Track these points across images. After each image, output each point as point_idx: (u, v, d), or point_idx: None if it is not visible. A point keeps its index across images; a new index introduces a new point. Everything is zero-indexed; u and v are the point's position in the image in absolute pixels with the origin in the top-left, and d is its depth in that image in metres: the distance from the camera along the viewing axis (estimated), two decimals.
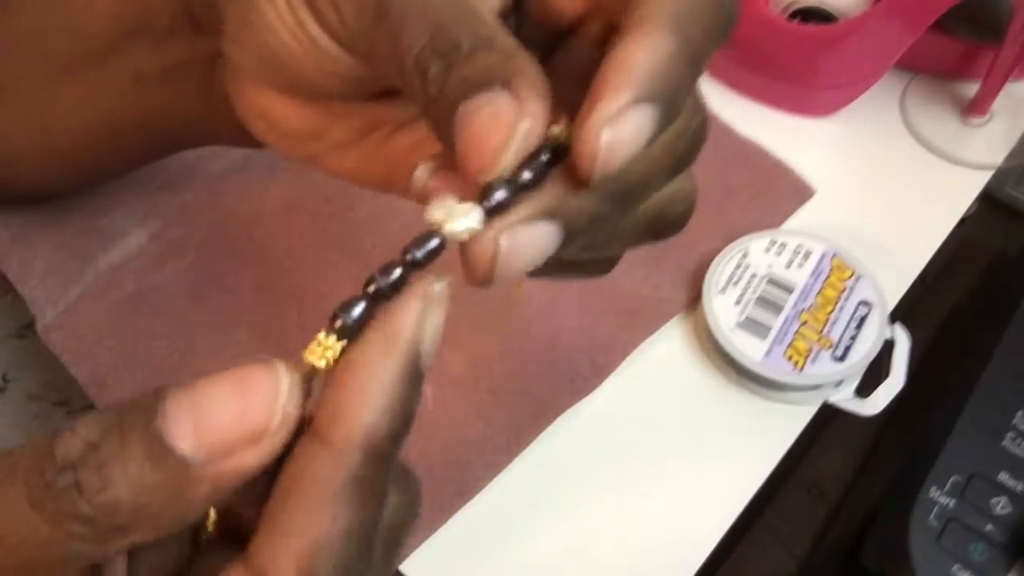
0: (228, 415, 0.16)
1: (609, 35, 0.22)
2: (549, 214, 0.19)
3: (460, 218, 0.18)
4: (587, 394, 0.36)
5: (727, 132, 0.45)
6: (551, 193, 0.19)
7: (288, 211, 0.41)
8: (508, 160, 0.18)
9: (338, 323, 0.17)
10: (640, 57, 0.18)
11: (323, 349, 0.17)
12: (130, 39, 0.28)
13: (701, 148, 0.22)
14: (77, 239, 0.40)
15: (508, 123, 0.18)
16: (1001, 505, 0.32)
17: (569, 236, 0.20)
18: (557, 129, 0.19)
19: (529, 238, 0.19)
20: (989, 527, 0.32)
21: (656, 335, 0.38)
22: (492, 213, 0.18)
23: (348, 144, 0.26)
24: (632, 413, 0.37)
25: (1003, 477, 0.33)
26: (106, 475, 0.16)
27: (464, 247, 0.19)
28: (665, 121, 0.19)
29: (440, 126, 0.19)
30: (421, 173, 0.21)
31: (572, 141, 0.18)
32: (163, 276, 0.39)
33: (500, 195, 0.18)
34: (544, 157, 0.19)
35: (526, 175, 0.18)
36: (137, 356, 0.37)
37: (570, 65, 0.23)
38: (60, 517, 0.16)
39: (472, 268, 0.19)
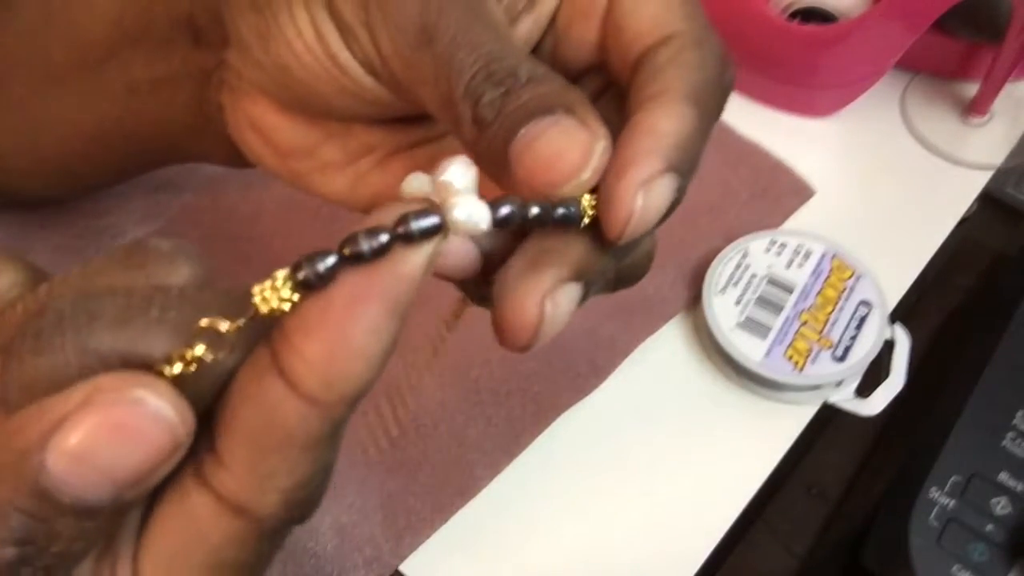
0: (130, 460, 0.15)
1: (607, 90, 0.23)
2: (578, 275, 0.20)
3: (470, 208, 0.16)
4: (587, 394, 0.36)
5: (727, 132, 0.45)
6: (576, 251, 0.19)
7: (288, 211, 0.41)
8: (587, 175, 0.18)
9: (301, 274, 0.15)
10: (668, 128, 0.19)
11: (275, 296, 0.16)
12: (126, 48, 0.28)
13: (678, 207, 0.22)
14: (77, 240, 0.40)
15: (583, 142, 0.19)
16: (1001, 505, 0.32)
17: (586, 295, 0.20)
18: (586, 200, 0.19)
19: (565, 300, 0.20)
20: (989, 527, 0.32)
21: (656, 335, 0.38)
22: (496, 224, 0.17)
23: (338, 165, 0.26)
24: (632, 413, 0.37)
25: (1003, 477, 0.33)
26: (57, 551, 0.15)
27: (505, 314, 0.19)
28: (683, 190, 0.20)
29: (493, 151, 0.19)
30: (413, 184, 0.19)
31: (602, 202, 0.19)
32: None
33: (506, 211, 0.18)
34: (560, 211, 0.19)
35: (534, 211, 0.18)
36: None
37: None
38: None
39: (515, 336, 0.19)
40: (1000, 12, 0.43)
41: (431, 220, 0.16)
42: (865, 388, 0.37)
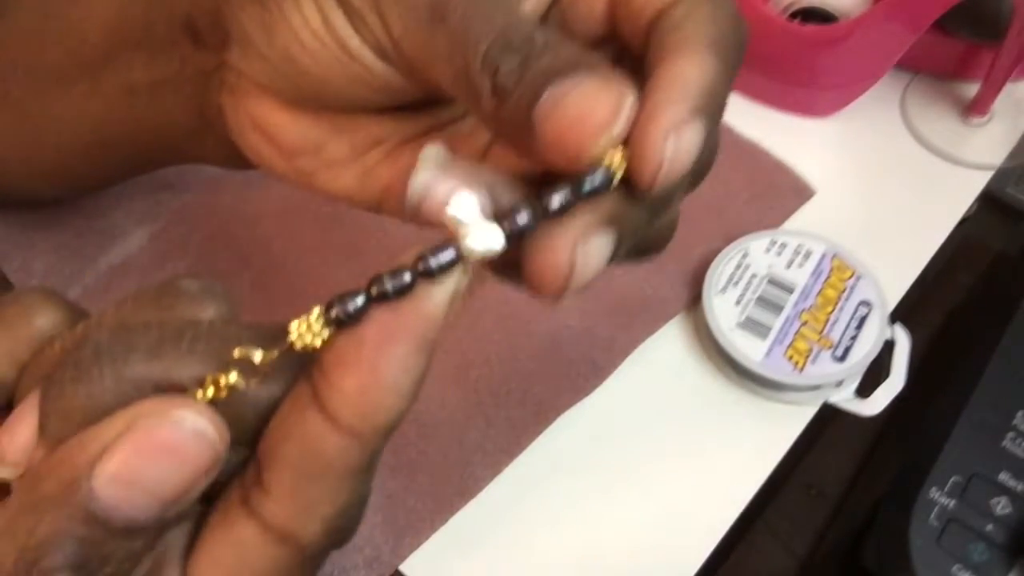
0: (172, 477, 0.17)
1: (622, 59, 0.23)
2: (610, 222, 0.19)
3: (481, 235, 0.17)
4: (587, 394, 0.36)
5: (727, 132, 0.45)
6: (608, 200, 0.19)
7: (288, 211, 0.41)
8: (618, 128, 0.18)
9: (333, 313, 0.17)
10: (694, 73, 0.19)
11: (310, 333, 0.17)
12: (125, 50, 0.28)
13: (711, 168, 0.22)
14: (77, 240, 0.40)
15: (611, 97, 0.18)
16: (1001, 505, 0.32)
17: (619, 245, 0.20)
18: (616, 156, 0.18)
19: (598, 248, 0.19)
20: (989, 527, 0.32)
21: (656, 335, 0.38)
22: (513, 238, 0.17)
23: (345, 161, 0.25)
24: (632, 413, 0.37)
25: (1003, 477, 0.33)
26: (109, 572, 0.17)
27: (531, 258, 0.18)
28: (710, 136, 0.19)
29: (516, 119, 0.19)
30: (430, 155, 0.20)
31: (632, 151, 0.18)
32: (163, 276, 0.39)
33: (524, 219, 0.17)
34: (585, 188, 0.18)
35: (555, 202, 0.18)
36: None
37: None
38: None
39: (547, 284, 0.19)
40: (1000, 12, 0.43)
41: (448, 254, 0.17)
42: (865, 388, 0.37)
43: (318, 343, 0.17)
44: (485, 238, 0.17)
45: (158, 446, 0.16)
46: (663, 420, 0.37)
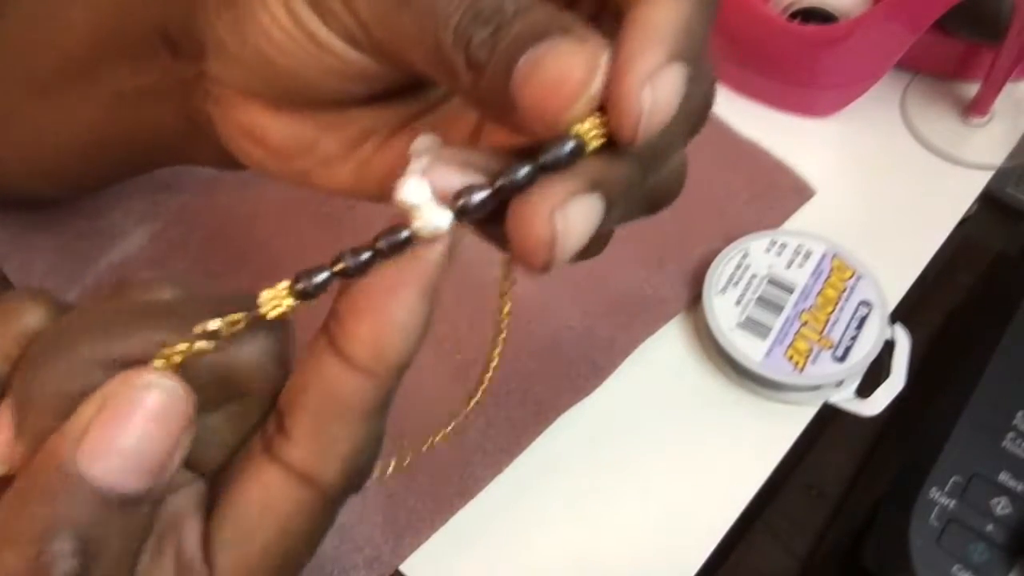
0: (151, 440, 0.17)
1: (600, 12, 0.22)
2: (594, 185, 0.18)
3: (429, 218, 0.18)
4: (587, 394, 0.36)
5: (727, 132, 0.45)
6: (591, 163, 0.18)
7: (287, 211, 0.41)
8: (595, 88, 0.17)
9: (299, 286, 0.18)
10: (665, 17, 0.18)
11: (277, 300, 0.18)
12: (108, 59, 0.28)
13: (709, 113, 0.22)
14: (77, 240, 0.40)
15: (586, 57, 0.17)
16: (1001, 505, 0.32)
17: (609, 207, 0.19)
18: (584, 125, 0.18)
19: (580, 213, 0.18)
20: (989, 527, 0.32)
21: (656, 335, 0.38)
22: (463, 215, 0.18)
23: (340, 157, 0.25)
24: (632, 413, 0.37)
25: (1003, 477, 0.33)
26: (114, 553, 0.17)
27: (517, 234, 0.18)
28: (691, 81, 0.18)
29: (494, 91, 0.18)
30: (421, 145, 0.20)
31: (609, 106, 0.18)
32: (163, 276, 0.39)
33: (478, 196, 0.18)
34: (549, 158, 0.18)
35: (520, 175, 0.18)
36: None
37: None
38: None
39: (529, 255, 0.18)
40: (1000, 12, 0.43)
41: (400, 235, 0.18)
42: (865, 388, 0.37)
43: (285, 311, 0.18)
44: (432, 219, 0.18)
45: (131, 412, 0.17)
46: (663, 420, 0.37)
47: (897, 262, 0.40)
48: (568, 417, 0.36)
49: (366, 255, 0.18)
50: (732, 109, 0.46)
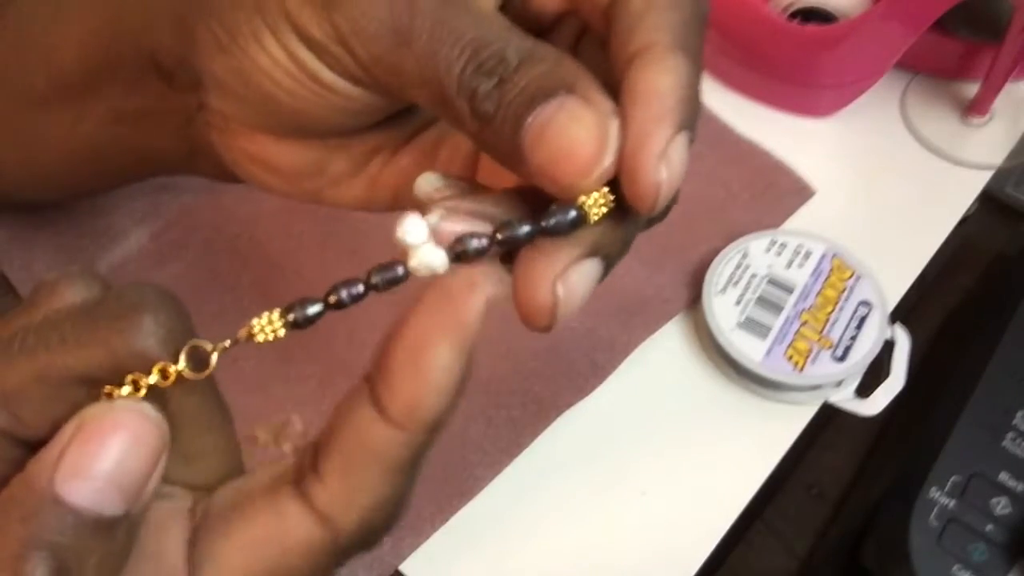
0: (128, 463, 0.17)
1: (582, 36, 0.23)
2: (595, 249, 0.19)
3: (425, 258, 0.18)
4: (587, 394, 0.36)
5: (727, 132, 0.45)
6: (594, 230, 0.19)
7: (288, 211, 0.41)
8: (607, 163, 0.18)
9: (291, 316, 0.18)
10: (667, 85, 0.19)
11: (270, 329, 0.18)
12: (102, 79, 0.27)
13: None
14: (77, 239, 0.40)
15: (594, 126, 0.18)
16: (1001, 505, 0.32)
17: (609, 266, 0.20)
18: (585, 198, 0.19)
19: (581, 279, 0.19)
20: (989, 527, 0.32)
21: (656, 335, 0.38)
22: (460, 259, 0.18)
23: (349, 175, 0.25)
24: (632, 413, 0.37)
25: (1003, 477, 0.33)
26: (92, 570, 0.17)
27: (520, 298, 0.19)
28: (693, 140, 0.19)
29: (501, 142, 0.19)
30: (425, 184, 0.21)
31: (625, 179, 0.18)
32: (163, 276, 0.39)
33: (477, 244, 0.18)
34: (551, 224, 0.18)
35: (520, 233, 0.18)
36: None
37: None
38: None
39: (533, 319, 0.19)
40: (1000, 12, 0.43)
41: (395, 272, 0.18)
42: (865, 388, 0.37)
43: (271, 338, 0.18)
44: (428, 260, 0.18)
45: (107, 436, 0.17)
46: (663, 420, 0.37)
47: (897, 262, 0.40)
48: (568, 417, 0.36)
49: (359, 288, 0.18)
50: (732, 109, 0.46)
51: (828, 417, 0.37)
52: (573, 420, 0.36)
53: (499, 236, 0.18)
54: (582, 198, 0.19)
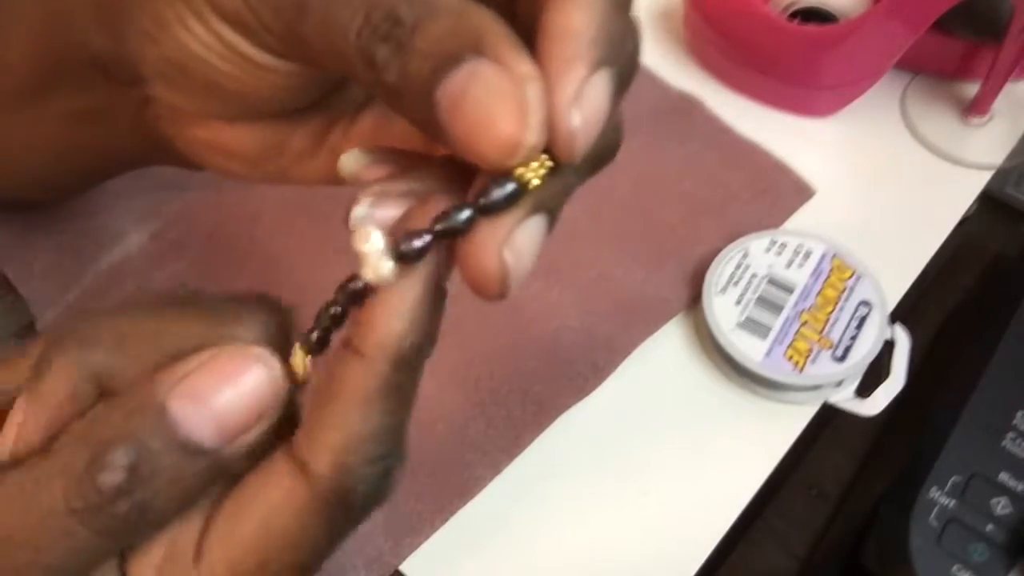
0: (236, 405, 0.18)
1: None
2: (537, 206, 0.18)
3: (372, 266, 0.18)
4: (587, 394, 0.36)
5: (727, 132, 0.45)
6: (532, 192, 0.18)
7: (288, 211, 0.41)
8: (532, 140, 0.16)
9: (312, 336, 0.20)
10: (581, 22, 0.17)
11: (299, 358, 0.20)
12: (51, 81, 0.27)
13: (637, 67, 0.20)
14: (77, 239, 0.40)
15: (510, 95, 0.16)
16: (1001, 505, 0.32)
17: (554, 217, 0.19)
18: (521, 170, 0.17)
19: (527, 239, 0.18)
20: (990, 527, 0.32)
21: (656, 335, 0.38)
22: (405, 260, 0.18)
23: (310, 150, 0.25)
24: (632, 413, 0.37)
25: (1003, 477, 0.33)
26: (157, 489, 0.18)
27: (468, 271, 0.18)
28: (620, 75, 0.18)
29: (417, 115, 0.17)
30: (348, 161, 0.20)
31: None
32: (163, 276, 0.39)
33: (419, 243, 0.18)
34: (490, 204, 0.18)
35: (459, 219, 0.18)
36: None
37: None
38: (108, 533, 0.17)
39: (483, 290, 0.18)
40: (1000, 12, 0.43)
41: (357, 284, 0.19)
42: (865, 388, 0.37)
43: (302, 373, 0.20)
44: (377, 269, 0.18)
45: (229, 372, 0.18)
46: (663, 420, 0.37)
47: (897, 262, 0.40)
48: (568, 417, 0.36)
49: (338, 309, 0.19)
50: (732, 109, 0.46)
51: (828, 417, 0.37)
52: (573, 420, 0.36)
53: (438, 228, 0.18)
54: (519, 169, 0.17)
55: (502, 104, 0.16)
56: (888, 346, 0.38)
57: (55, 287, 0.38)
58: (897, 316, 0.39)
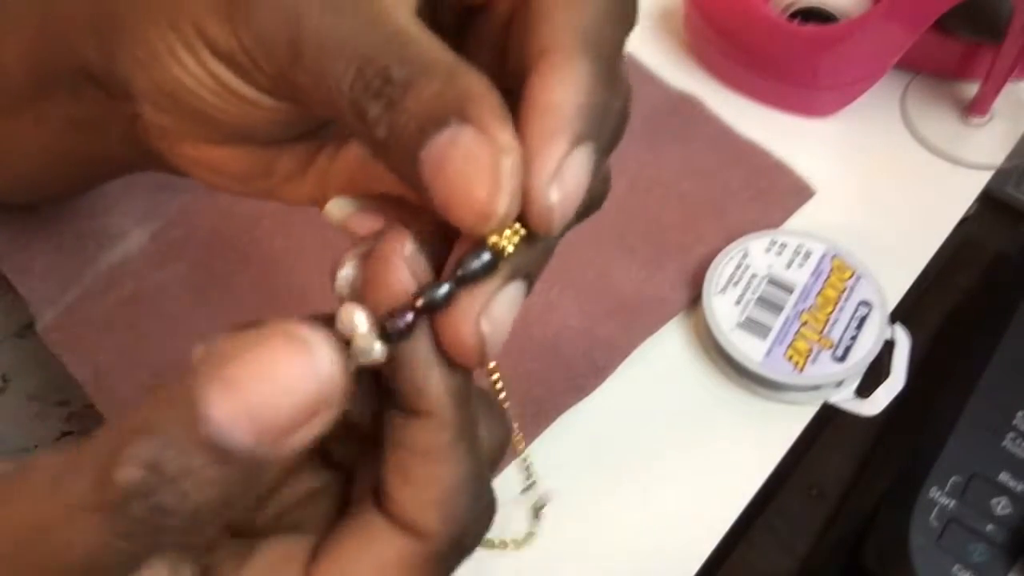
0: (277, 395, 0.15)
1: (516, 13, 0.21)
2: (514, 273, 0.18)
3: (361, 349, 0.18)
4: (587, 394, 0.36)
5: (727, 132, 0.45)
6: (509, 260, 0.18)
7: (288, 211, 0.41)
8: (503, 208, 0.17)
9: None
10: (562, 96, 0.17)
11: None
12: (47, 88, 0.27)
13: (623, 132, 0.20)
14: (77, 239, 0.40)
15: (487, 164, 0.16)
16: (1001, 505, 0.32)
17: (532, 281, 0.19)
18: (496, 237, 0.18)
19: (504, 307, 0.18)
20: (990, 527, 0.32)
21: (656, 335, 0.38)
22: (396, 339, 0.18)
23: (298, 171, 0.25)
24: (632, 413, 0.37)
25: (1003, 477, 0.33)
26: (181, 491, 0.15)
27: (445, 341, 0.18)
28: (602, 148, 0.18)
29: (402, 171, 0.18)
30: (334, 210, 0.21)
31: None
32: (163, 276, 0.39)
33: (403, 322, 0.18)
34: (468, 273, 0.18)
35: (439, 295, 0.18)
36: (137, 356, 0.37)
37: (480, 46, 0.22)
38: (128, 536, 0.15)
39: (463, 359, 0.19)
40: (1000, 12, 0.43)
41: (350, 363, 0.18)
42: (865, 388, 0.37)
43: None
44: (367, 352, 0.18)
45: (269, 360, 0.15)
46: (663, 420, 0.37)
47: (897, 262, 0.40)
48: (568, 417, 0.36)
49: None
50: (732, 109, 0.46)
51: (828, 417, 0.37)
52: (573, 420, 0.36)
53: (419, 305, 0.18)
54: (493, 237, 0.18)
55: (478, 172, 0.17)
56: (888, 346, 0.38)
57: (54, 287, 0.38)
58: (897, 316, 0.39)
